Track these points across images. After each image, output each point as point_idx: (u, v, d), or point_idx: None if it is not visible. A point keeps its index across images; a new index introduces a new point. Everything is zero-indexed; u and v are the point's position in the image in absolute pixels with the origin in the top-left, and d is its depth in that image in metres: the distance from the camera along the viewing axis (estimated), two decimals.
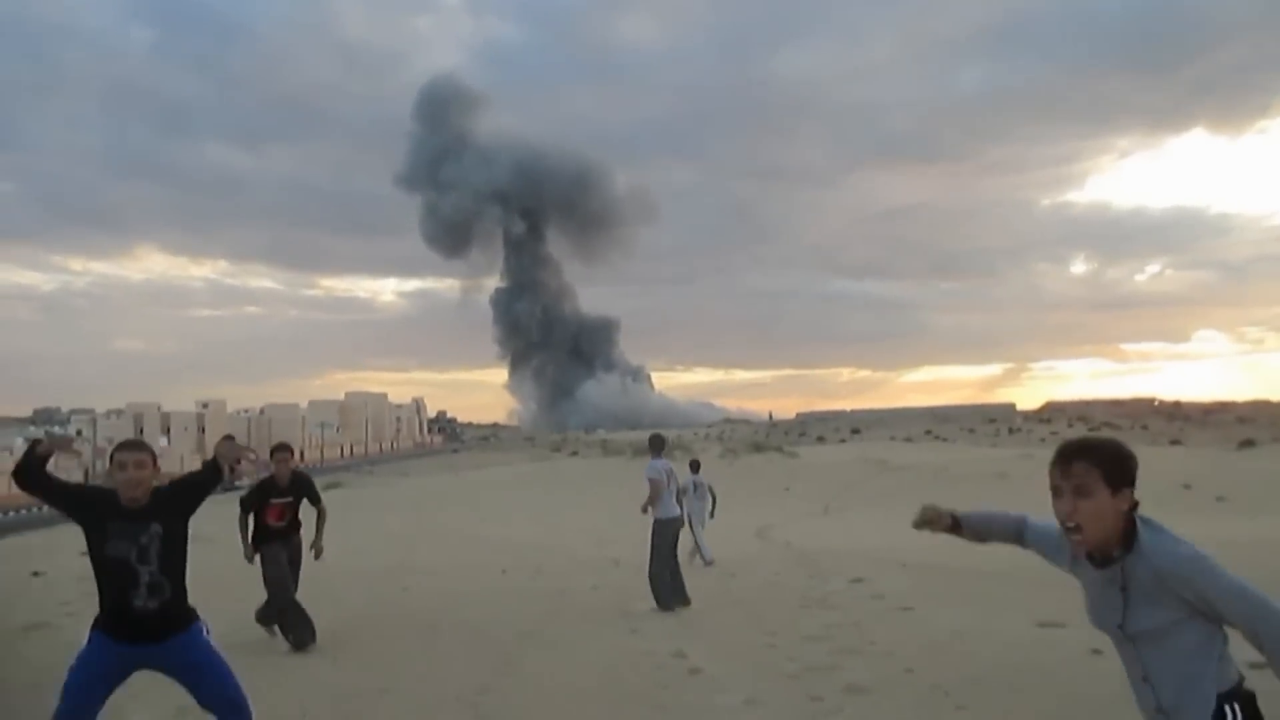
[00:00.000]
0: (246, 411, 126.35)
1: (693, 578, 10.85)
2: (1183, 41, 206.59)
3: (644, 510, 10.52)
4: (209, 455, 4.68)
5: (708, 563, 13.73)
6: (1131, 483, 2.49)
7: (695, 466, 15.75)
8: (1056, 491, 2.52)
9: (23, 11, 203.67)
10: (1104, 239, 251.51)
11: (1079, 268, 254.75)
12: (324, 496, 8.97)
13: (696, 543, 14.04)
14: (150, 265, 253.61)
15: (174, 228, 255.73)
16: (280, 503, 8.38)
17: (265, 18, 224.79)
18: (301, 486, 8.59)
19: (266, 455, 8.43)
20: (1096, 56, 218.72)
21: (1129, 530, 2.47)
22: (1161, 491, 29.33)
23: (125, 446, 4.24)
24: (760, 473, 36.93)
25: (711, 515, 15.11)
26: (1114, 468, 2.47)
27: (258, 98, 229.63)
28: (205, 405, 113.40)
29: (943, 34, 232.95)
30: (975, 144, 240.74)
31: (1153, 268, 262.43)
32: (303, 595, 8.47)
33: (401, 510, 28.52)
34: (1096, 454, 2.49)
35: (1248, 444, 42.44)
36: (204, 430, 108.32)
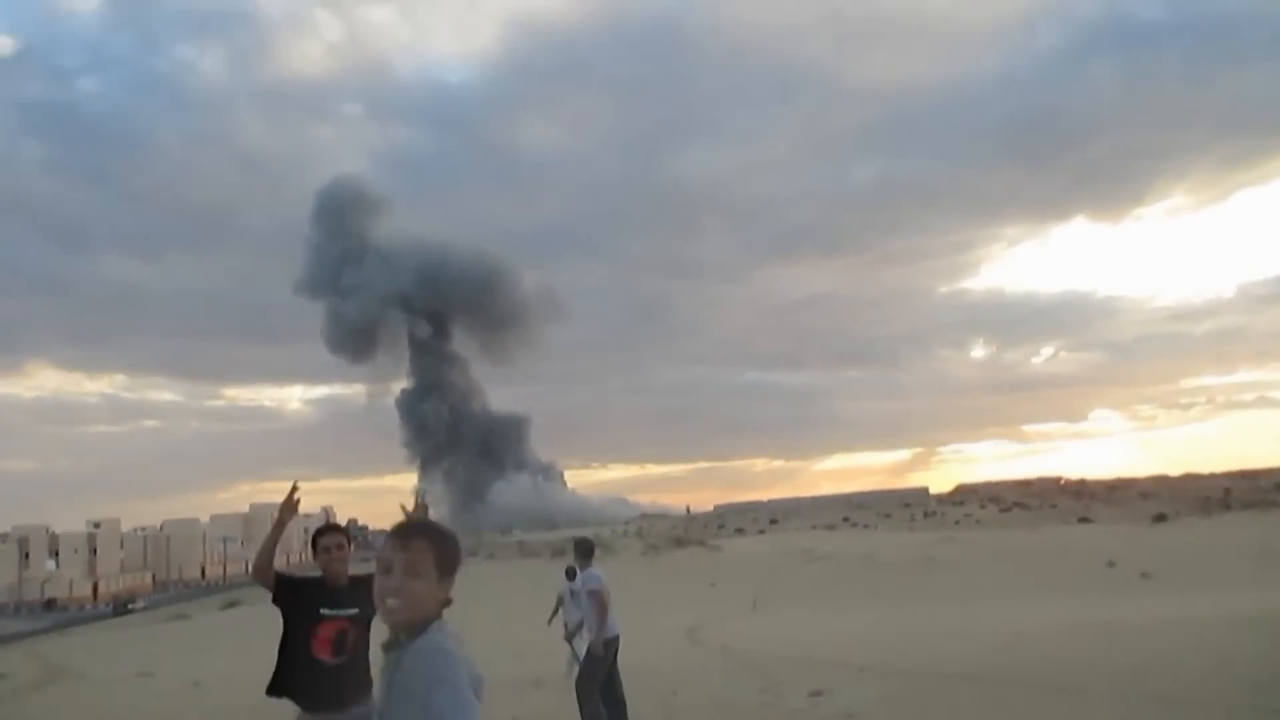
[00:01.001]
0: (144, 529, 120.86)
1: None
2: (1058, 136, 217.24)
3: (593, 631, 9.05)
4: (99, 577, 3.32)
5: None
6: (454, 573, 2.44)
7: (571, 573, 13.97)
8: (387, 566, 2.38)
9: None
10: (1000, 324, 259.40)
11: (978, 352, 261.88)
12: (225, 616, 7.02)
13: (576, 656, 12.40)
14: (43, 382, 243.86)
15: (68, 343, 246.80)
16: (338, 619, 4.83)
17: (162, 130, 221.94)
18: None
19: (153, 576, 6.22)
20: (981, 151, 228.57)
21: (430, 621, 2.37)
22: (1086, 570, 29.10)
23: None
24: (683, 568, 35.76)
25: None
26: (447, 555, 2.42)
27: (156, 209, 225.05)
28: (97, 525, 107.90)
29: (836, 131, 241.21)
30: (873, 235, 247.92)
31: (1047, 350, 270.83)
32: None
33: None
34: (436, 537, 2.43)
35: (1160, 519, 42.78)
36: (95, 552, 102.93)
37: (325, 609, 4.81)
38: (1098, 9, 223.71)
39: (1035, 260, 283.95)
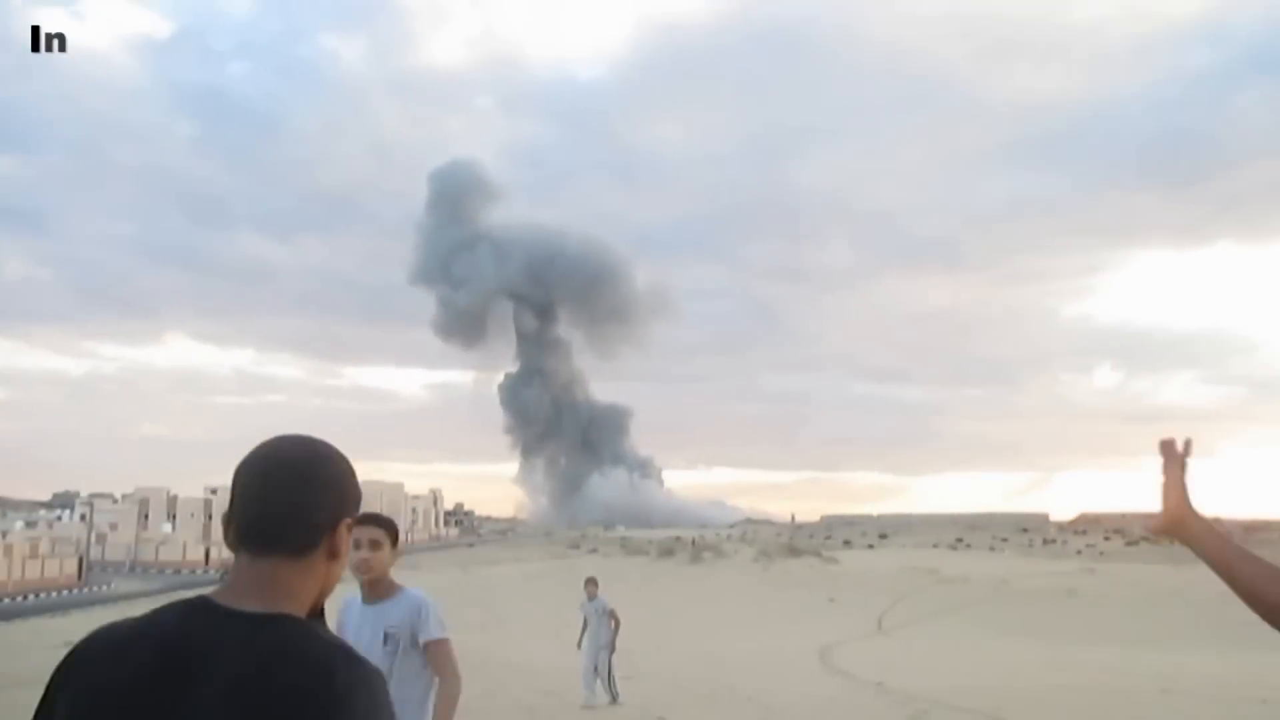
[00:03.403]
0: None
1: None
2: (1206, 159, 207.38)
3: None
4: (213, 543, 2.01)
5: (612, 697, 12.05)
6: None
7: (590, 587, 12.88)
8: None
9: (74, 103, 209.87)
10: (1129, 351, 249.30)
11: (1104, 379, 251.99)
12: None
13: (603, 677, 12.09)
14: (179, 352, 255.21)
15: (205, 316, 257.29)
16: None
17: (304, 115, 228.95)
18: None
19: None
20: (1118, 172, 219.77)
21: None
22: (1251, 615, 26.03)
23: None
24: (799, 580, 33.59)
25: (612, 646, 12.26)
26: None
27: (292, 191, 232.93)
28: (214, 491, 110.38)
29: (967, 144, 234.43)
30: (998, 252, 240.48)
31: (1179, 381, 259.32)
32: None
33: None
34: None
35: None
36: (211, 517, 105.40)
37: None
38: (1251, 29, 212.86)
39: (1170, 287, 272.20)
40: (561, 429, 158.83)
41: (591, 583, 12.86)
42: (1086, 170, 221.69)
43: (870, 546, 74.11)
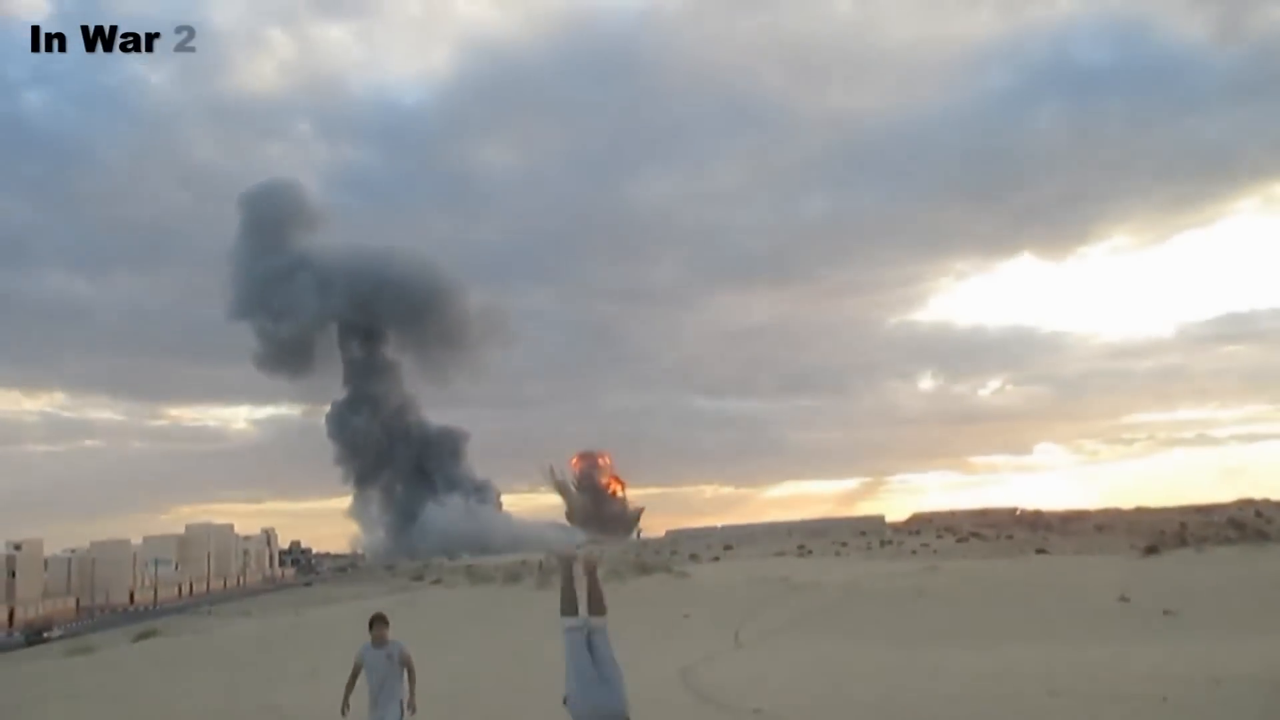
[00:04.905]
0: (73, 551, 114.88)
1: None
2: (1005, 175, 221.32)
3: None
4: (17, 602, 0.89)
5: None
6: None
7: (378, 628, 9.92)
8: None
9: None
10: (948, 356, 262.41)
11: (926, 384, 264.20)
12: (134, 650, 4.26)
13: None
14: None
15: (5, 359, 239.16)
16: None
17: (110, 145, 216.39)
18: None
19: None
20: (930, 186, 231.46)
21: None
22: (1097, 605, 26.65)
23: None
24: (652, 598, 32.73)
25: (411, 707, 9.62)
26: None
27: (102, 225, 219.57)
28: (18, 546, 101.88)
29: (789, 161, 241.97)
30: (823, 266, 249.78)
31: (994, 383, 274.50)
32: None
33: (219, 668, 23.24)
34: None
35: (1152, 550, 40.69)
36: (14, 575, 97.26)
37: None
38: (1045, 53, 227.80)
39: (982, 295, 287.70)
40: (394, 457, 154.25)
41: (381, 622, 9.87)
42: (900, 186, 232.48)
43: (716, 559, 74.52)
